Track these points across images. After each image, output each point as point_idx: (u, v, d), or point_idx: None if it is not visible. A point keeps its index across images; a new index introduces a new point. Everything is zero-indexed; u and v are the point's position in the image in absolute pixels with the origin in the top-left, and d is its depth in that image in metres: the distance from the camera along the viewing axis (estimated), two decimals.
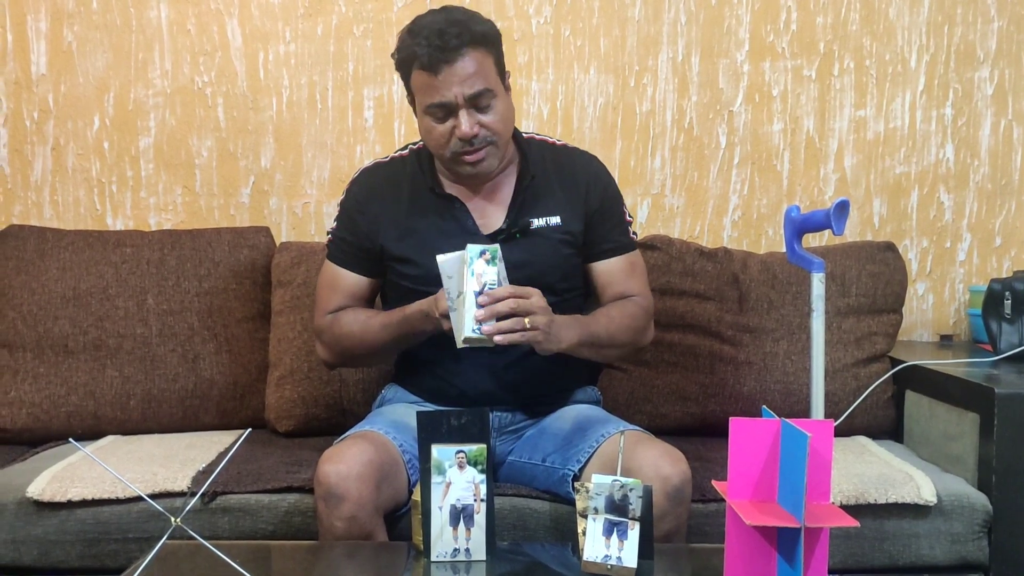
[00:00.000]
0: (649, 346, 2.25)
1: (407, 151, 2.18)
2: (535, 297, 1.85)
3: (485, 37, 1.98)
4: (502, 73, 2.03)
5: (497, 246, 1.83)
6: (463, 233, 2.03)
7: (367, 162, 2.24)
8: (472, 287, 1.79)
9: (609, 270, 2.14)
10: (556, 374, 2.14)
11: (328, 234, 2.18)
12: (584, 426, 2.03)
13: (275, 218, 2.88)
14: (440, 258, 1.83)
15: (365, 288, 2.15)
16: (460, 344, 1.82)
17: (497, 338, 1.79)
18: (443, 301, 1.85)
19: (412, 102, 2.05)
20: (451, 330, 1.86)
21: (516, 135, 2.14)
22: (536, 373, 2.10)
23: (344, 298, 2.13)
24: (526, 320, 1.81)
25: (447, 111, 1.96)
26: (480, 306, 1.79)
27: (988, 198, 2.94)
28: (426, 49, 1.93)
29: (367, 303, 2.16)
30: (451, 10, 2.00)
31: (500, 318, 1.80)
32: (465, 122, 1.96)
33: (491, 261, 1.80)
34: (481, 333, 1.79)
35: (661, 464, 1.83)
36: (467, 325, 1.79)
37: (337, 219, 2.17)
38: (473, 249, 1.81)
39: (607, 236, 2.14)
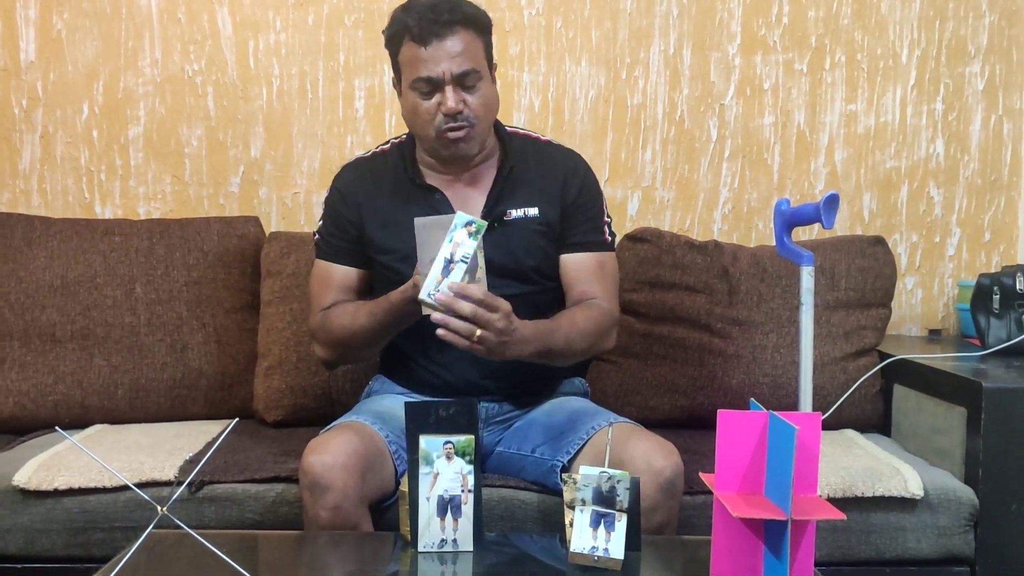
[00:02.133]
0: (641, 320, 2.24)
1: (388, 146, 2.18)
2: (499, 314, 1.78)
3: (476, 19, 1.99)
4: (490, 61, 2.04)
5: (484, 223, 1.79)
6: None
7: (348, 160, 2.23)
8: (444, 252, 1.75)
9: (576, 265, 2.11)
10: (540, 365, 2.13)
11: (315, 234, 2.18)
12: (574, 418, 2.03)
13: (265, 208, 2.88)
14: (418, 221, 1.80)
15: (356, 280, 2.14)
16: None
17: (439, 331, 1.76)
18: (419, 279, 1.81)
19: (397, 83, 2.05)
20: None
21: (499, 128, 2.14)
22: (522, 364, 2.09)
23: (337, 293, 2.12)
24: (477, 332, 1.77)
25: (433, 86, 1.96)
26: (447, 279, 1.74)
27: (978, 193, 2.95)
28: (417, 21, 1.94)
29: (360, 296, 2.14)
30: None
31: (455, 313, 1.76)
32: (451, 97, 1.95)
33: (474, 235, 1.75)
34: (435, 301, 1.74)
35: (653, 457, 1.83)
36: (425, 287, 1.75)
37: (322, 217, 2.17)
38: (461, 217, 1.76)
39: (578, 230, 2.11)
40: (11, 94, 2.82)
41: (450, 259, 1.75)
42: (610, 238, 2.15)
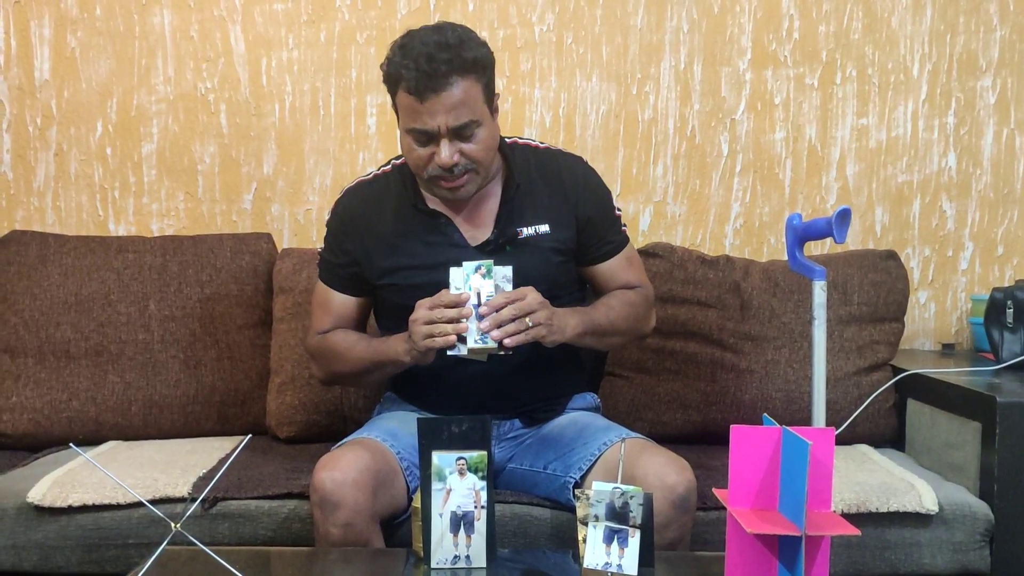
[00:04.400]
0: (653, 336, 2.30)
1: (390, 167, 2.15)
2: (530, 295, 1.87)
3: (476, 64, 1.92)
4: (490, 98, 1.98)
5: (491, 261, 1.87)
6: (451, 247, 2.02)
7: (350, 183, 2.19)
8: (472, 301, 1.85)
9: (608, 270, 2.16)
10: (553, 382, 2.14)
11: (319, 254, 2.18)
12: (586, 434, 2.03)
13: (277, 224, 2.89)
14: (453, 269, 1.86)
15: (354, 309, 2.15)
16: (452, 352, 1.86)
17: (507, 341, 1.83)
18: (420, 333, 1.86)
19: (396, 112, 2.01)
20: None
21: (501, 143, 2.09)
22: (532, 382, 2.09)
23: (334, 319, 2.14)
24: (527, 319, 1.84)
25: (429, 137, 1.93)
26: (481, 317, 1.84)
27: (990, 207, 2.94)
28: (414, 73, 1.87)
29: (357, 323, 2.16)
30: (446, 31, 1.92)
31: (503, 324, 1.83)
32: (445, 152, 1.92)
33: (486, 275, 1.86)
34: (488, 341, 1.83)
35: (666, 473, 1.82)
36: (470, 337, 1.84)
37: (324, 241, 2.17)
38: (468, 266, 1.86)
39: (603, 239, 2.14)
40: (26, 112, 2.84)
41: (477, 304, 1.85)
42: (625, 228, 2.19)
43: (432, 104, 1.89)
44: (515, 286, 1.89)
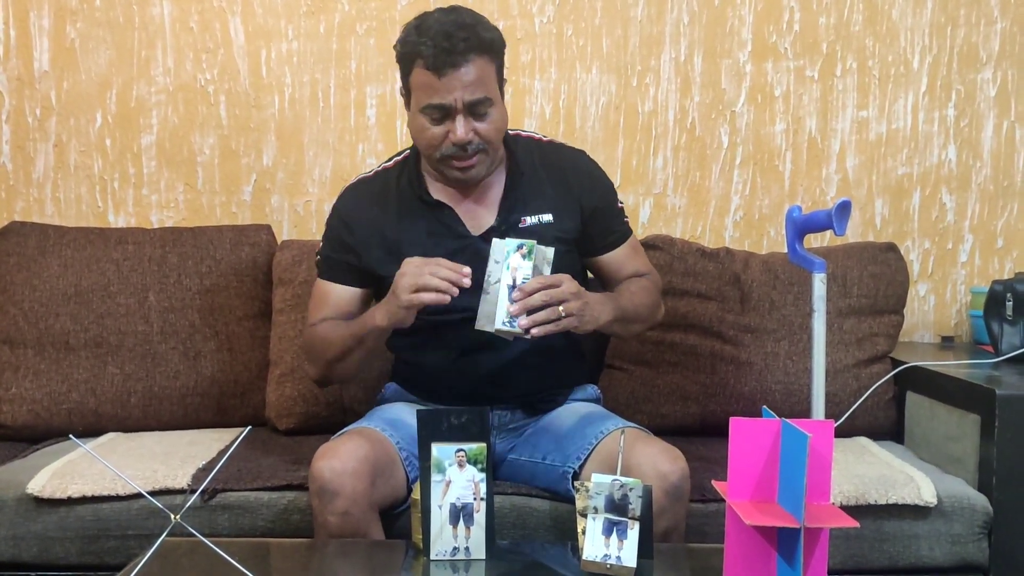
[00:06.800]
0: (658, 325, 2.29)
1: (392, 163, 2.16)
2: (565, 283, 1.85)
3: (492, 45, 1.97)
4: (501, 82, 2.02)
5: (533, 242, 1.85)
6: (454, 237, 2.03)
7: (352, 180, 2.20)
8: (506, 280, 1.83)
9: (616, 260, 2.17)
10: (553, 375, 2.14)
11: (317, 255, 2.16)
12: (583, 424, 2.03)
13: (277, 216, 2.88)
14: (495, 240, 1.86)
15: (351, 301, 2.11)
16: (480, 327, 1.84)
17: (534, 331, 1.81)
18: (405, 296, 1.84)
19: (405, 96, 2.03)
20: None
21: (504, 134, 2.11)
22: (533, 374, 2.10)
23: (331, 310, 2.10)
24: (560, 309, 1.83)
25: (444, 113, 1.95)
26: (513, 301, 1.81)
27: (990, 200, 2.94)
28: (432, 49, 1.91)
29: (354, 317, 2.09)
30: (461, 12, 1.98)
31: (534, 310, 1.82)
32: (461, 127, 1.94)
33: (527, 256, 1.83)
34: (515, 326, 1.81)
35: (659, 462, 1.83)
36: (499, 317, 1.82)
37: (324, 239, 2.15)
38: (511, 243, 1.84)
39: (610, 229, 2.16)
40: (25, 103, 2.84)
41: (512, 285, 1.82)
42: (627, 220, 2.21)
43: (450, 80, 1.92)
44: None
